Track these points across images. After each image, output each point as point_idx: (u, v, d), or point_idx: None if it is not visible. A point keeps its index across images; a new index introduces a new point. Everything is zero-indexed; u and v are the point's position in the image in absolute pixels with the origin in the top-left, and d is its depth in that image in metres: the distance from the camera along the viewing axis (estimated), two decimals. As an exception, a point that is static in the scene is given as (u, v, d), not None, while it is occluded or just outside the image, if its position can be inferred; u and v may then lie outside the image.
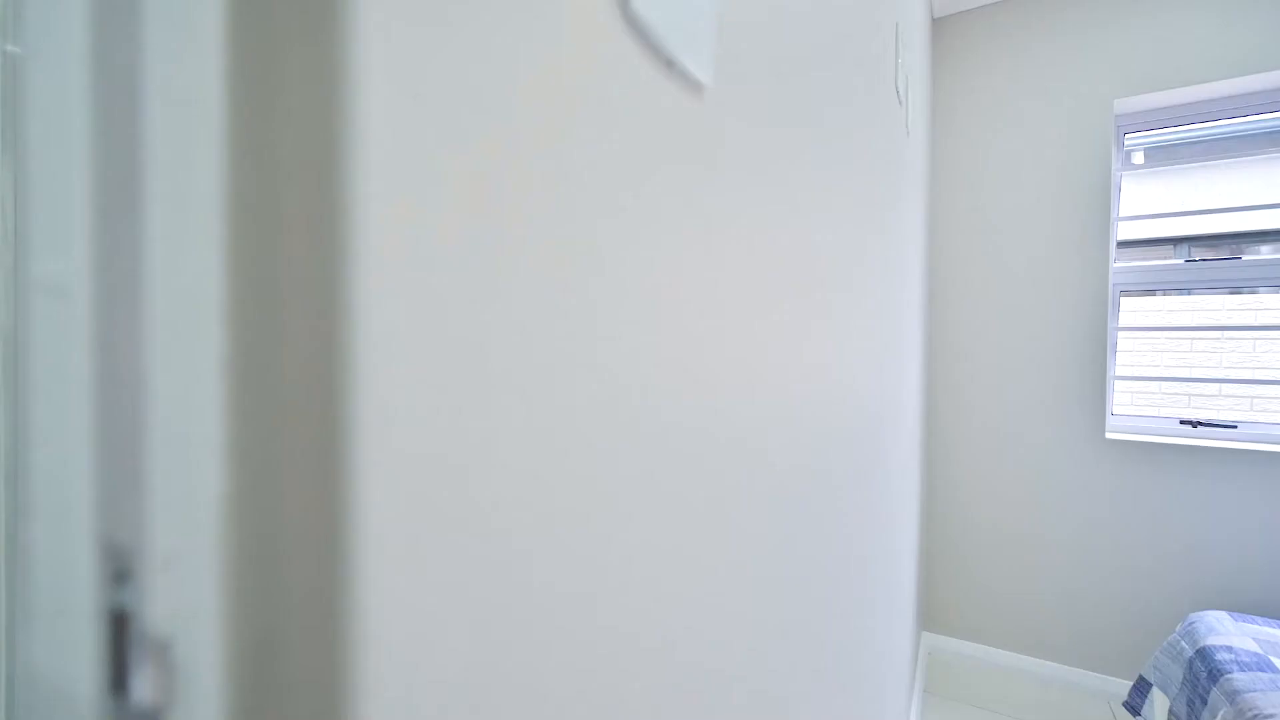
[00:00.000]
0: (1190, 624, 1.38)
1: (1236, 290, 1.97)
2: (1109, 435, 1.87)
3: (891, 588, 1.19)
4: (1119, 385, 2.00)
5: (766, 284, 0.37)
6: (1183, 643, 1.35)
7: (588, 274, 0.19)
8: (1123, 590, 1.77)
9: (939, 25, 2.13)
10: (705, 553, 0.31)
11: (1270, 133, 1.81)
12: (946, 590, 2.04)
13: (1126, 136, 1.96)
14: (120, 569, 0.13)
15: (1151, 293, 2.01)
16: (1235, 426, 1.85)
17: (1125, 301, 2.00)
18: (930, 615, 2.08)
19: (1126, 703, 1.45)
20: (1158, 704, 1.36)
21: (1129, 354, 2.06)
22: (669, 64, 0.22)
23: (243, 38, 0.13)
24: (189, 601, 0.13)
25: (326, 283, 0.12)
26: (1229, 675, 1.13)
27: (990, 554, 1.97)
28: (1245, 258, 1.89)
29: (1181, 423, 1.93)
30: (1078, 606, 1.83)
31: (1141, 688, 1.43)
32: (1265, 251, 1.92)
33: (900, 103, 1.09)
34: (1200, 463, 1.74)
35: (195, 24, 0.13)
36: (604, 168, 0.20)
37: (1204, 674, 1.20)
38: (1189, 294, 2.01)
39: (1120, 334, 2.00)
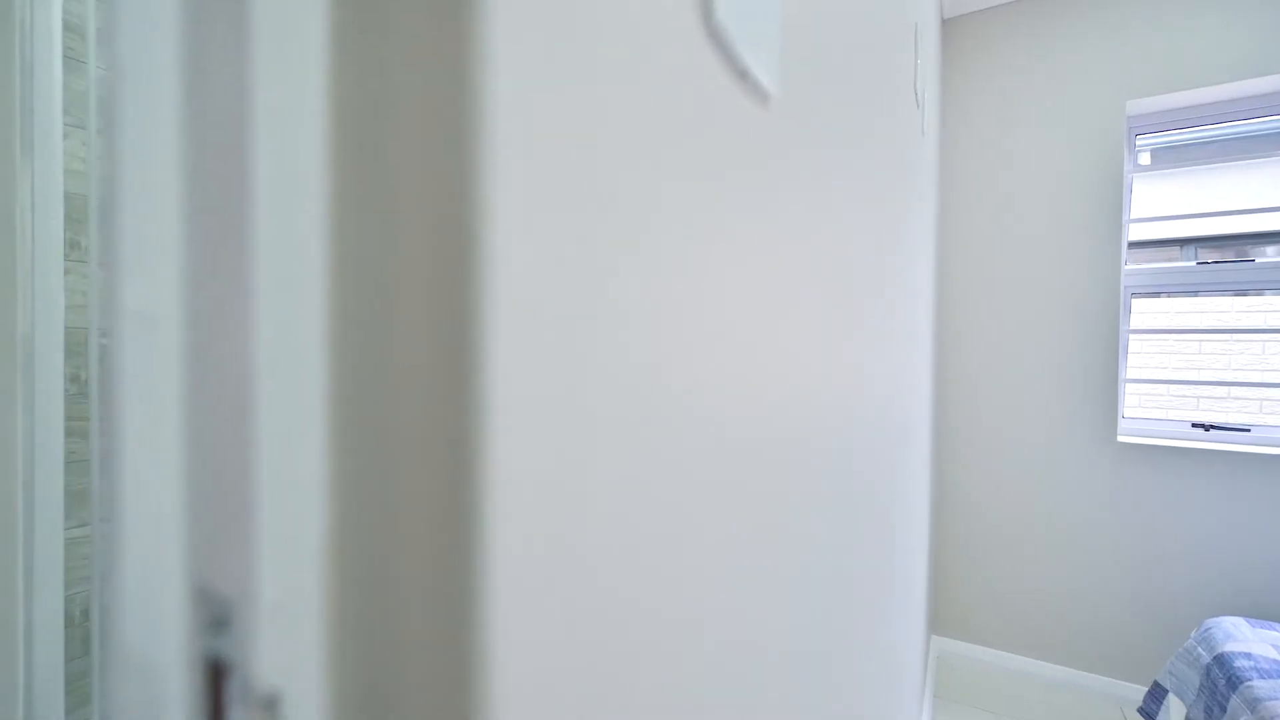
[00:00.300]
0: (1207, 630, 1.37)
1: (1243, 293, 1.96)
2: (1120, 438, 1.86)
3: (906, 590, 1.18)
4: (1128, 388, 1.99)
5: (811, 288, 0.36)
6: (1199, 649, 1.34)
7: (670, 281, 0.19)
8: (1135, 594, 1.76)
9: (948, 26, 2.12)
10: (755, 561, 0.30)
11: (1278, 134, 1.80)
12: (956, 594, 2.04)
13: (1138, 138, 1.95)
14: (218, 616, 0.13)
15: (1157, 295, 2.00)
16: (1248, 430, 1.84)
17: (1134, 304, 1.99)
18: (940, 619, 2.07)
19: (1142, 708, 1.44)
20: (1174, 710, 1.35)
21: (1137, 356, 2.05)
22: (743, 75, 0.21)
23: (351, 51, 0.13)
24: (297, 651, 0.12)
25: (452, 306, 0.11)
26: (1249, 683, 1.12)
27: (1000, 557, 1.96)
28: (1258, 260, 1.88)
29: (1193, 426, 1.92)
30: (1089, 610, 1.82)
31: (1157, 694, 1.42)
32: (1271, 253, 1.90)
33: (918, 105, 1.08)
34: (1212, 466, 1.73)
35: (297, 44, 0.13)
36: (687, 174, 0.19)
37: (1222, 681, 1.19)
38: (1195, 296, 2.00)
39: (1130, 336, 1.99)
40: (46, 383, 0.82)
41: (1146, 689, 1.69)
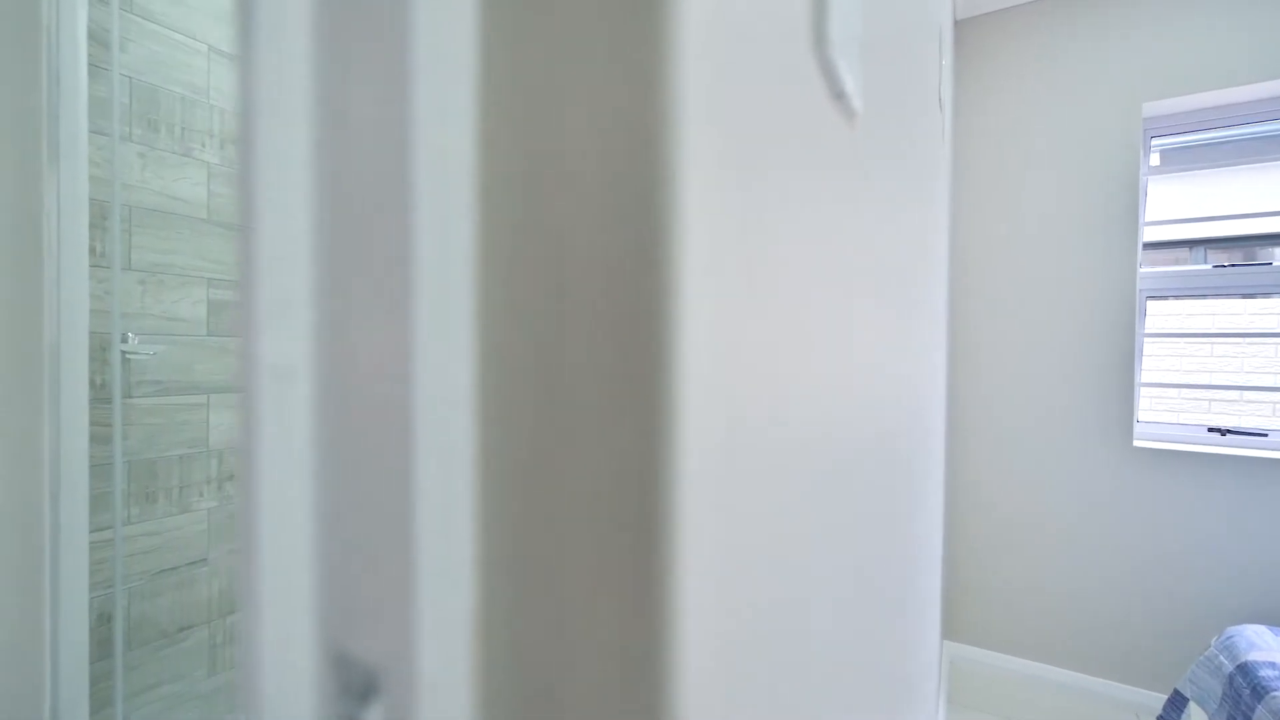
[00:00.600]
0: (1229, 638, 1.36)
1: (1251, 295, 1.94)
2: (1136, 443, 1.85)
3: (927, 594, 1.18)
4: (1141, 391, 1.97)
5: (881, 293, 0.36)
6: (1221, 657, 1.33)
7: (793, 291, 0.18)
8: (1152, 600, 1.75)
9: (961, 27, 2.11)
10: (831, 559, 0.30)
11: (1298, 136, 1.78)
12: (970, 599, 2.02)
13: (1153, 140, 1.94)
14: (361, 684, 0.12)
15: (1168, 298, 1.98)
16: (1266, 435, 1.82)
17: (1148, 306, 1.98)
18: (953, 624, 2.06)
19: (1161, 716, 1.43)
20: (1194, 719, 1.34)
21: (1150, 359, 2.03)
22: (839, 97, 0.21)
23: (512, 76, 0.12)
24: (454, 723, 0.11)
25: (638, 358, 0.11)
26: (1275, 693, 1.11)
27: (1015, 562, 1.95)
28: (1274, 263, 1.86)
29: (1209, 430, 1.90)
30: (1106, 616, 1.81)
31: (1177, 702, 1.40)
32: None
33: (941, 109, 1.07)
34: (1230, 472, 1.72)
35: (450, 75, 0.12)
36: (801, 188, 0.19)
37: (1247, 691, 1.18)
38: (1204, 299, 1.98)
39: (1146, 340, 1.97)
40: (72, 390, 0.82)
41: (1166, 697, 1.68)
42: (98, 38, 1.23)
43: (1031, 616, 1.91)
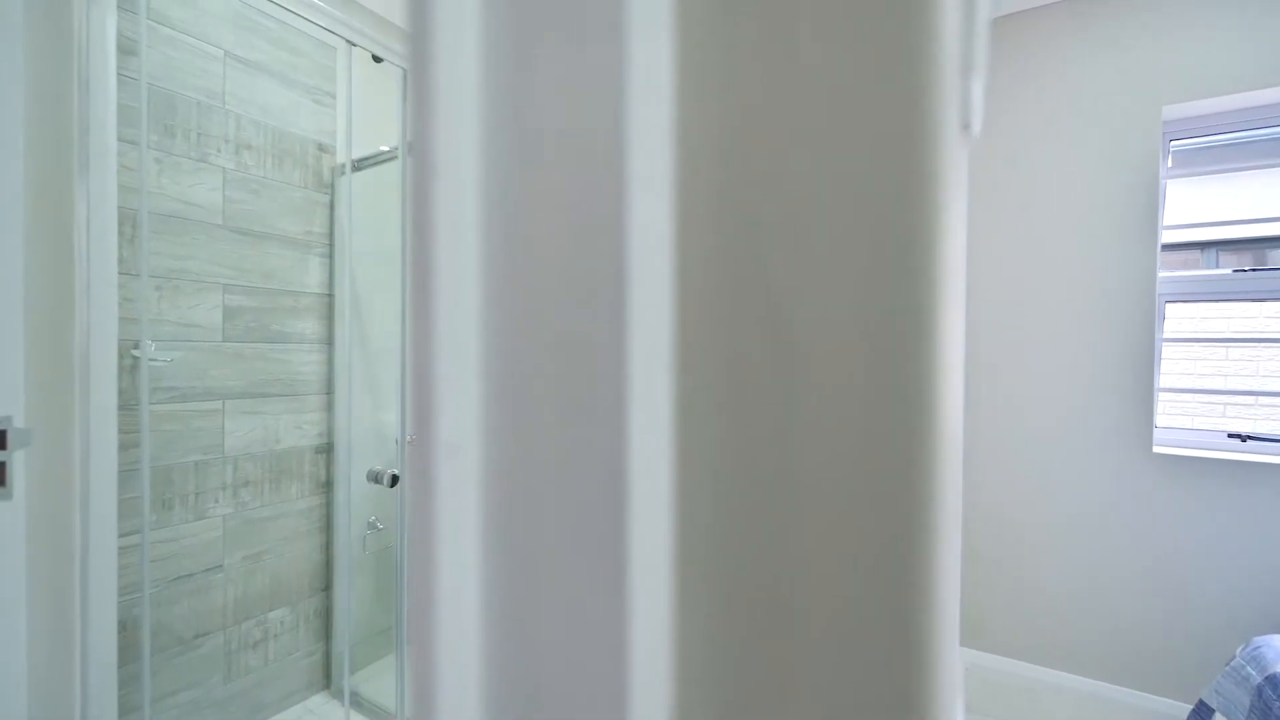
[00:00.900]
0: (1256, 648, 1.34)
1: (1264, 299, 1.92)
2: (1156, 449, 1.83)
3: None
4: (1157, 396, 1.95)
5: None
6: (1248, 668, 1.31)
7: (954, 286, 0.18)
8: (1173, 608, 1.73)
9: (978, 30, 2.10)
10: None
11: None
12: (985, 604, 2.01)
13: (1172, 143, 1.92)
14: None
15: (1182, 301, 1.96)
16: (1287, 440, 1.81)
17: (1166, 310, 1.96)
18: (967, 629, 2.05)
19: (1186, 727, 1.42)
20: (1221, 729, 1.32)
21: (1167, 363, 2.01)
22: (967, 126, 0.20)
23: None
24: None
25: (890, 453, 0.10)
26: (1307, 705, 1.09)
27: (1032, 568, 1.94)
28: (1293, 266, 1.85)
29: (1229, 436, 1.88)
30: (1126, 624, 1.80)
31: (1202, 712, 1.39)
32: (1294, 257, 1.87)
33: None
34: (1253, 478, 1.70)
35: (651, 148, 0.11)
36: (941, 206, 0.18)
37: (1277, 703, 1.16)
38: (1221, 302, 1.96)
39: (1165, 344, 1.96)
40: (101, 399, 0.82)
41: (1189, 706, 1.66)
42: (121, 46, 1.22)
43: (1049, 623, 1.90)
